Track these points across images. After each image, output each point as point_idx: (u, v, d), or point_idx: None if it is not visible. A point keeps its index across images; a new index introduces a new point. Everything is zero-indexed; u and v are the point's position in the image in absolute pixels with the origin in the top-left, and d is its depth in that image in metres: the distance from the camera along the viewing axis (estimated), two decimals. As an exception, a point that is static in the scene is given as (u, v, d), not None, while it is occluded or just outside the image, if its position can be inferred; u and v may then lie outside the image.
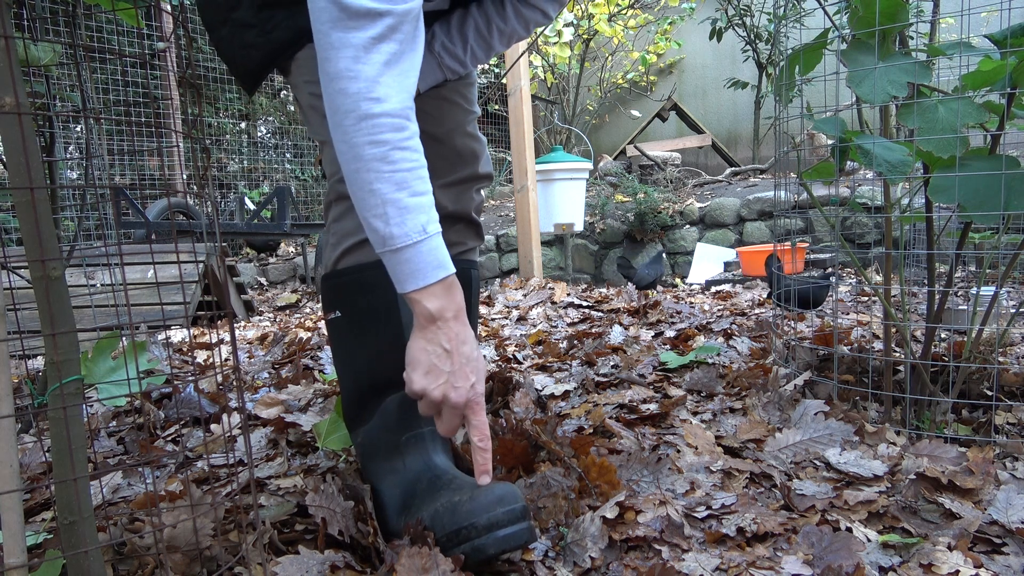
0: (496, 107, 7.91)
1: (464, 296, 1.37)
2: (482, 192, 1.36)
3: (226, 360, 2.40)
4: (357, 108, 0.83)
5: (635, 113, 8.32)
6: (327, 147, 1.05)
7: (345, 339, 1.10)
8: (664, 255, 4.69)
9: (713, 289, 4.18)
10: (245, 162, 6.87)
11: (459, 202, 1.31)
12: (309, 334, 2.65)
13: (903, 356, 1.51)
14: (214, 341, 2.60)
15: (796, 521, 1.06)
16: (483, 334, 2.53)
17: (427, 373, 0.89)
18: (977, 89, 1.30)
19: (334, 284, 1.10)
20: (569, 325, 2.72)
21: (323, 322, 1.05)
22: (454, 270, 0.89)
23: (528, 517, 0.91)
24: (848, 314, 2.66)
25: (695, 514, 1.07)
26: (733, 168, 7.01)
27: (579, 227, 4.69)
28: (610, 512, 1.04)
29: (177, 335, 2.91)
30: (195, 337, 2.93)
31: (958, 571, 0.92)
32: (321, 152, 1.14)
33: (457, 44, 1.18)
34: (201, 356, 2.54)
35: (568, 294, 3.54)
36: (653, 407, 1.52)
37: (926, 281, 1.54)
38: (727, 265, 5.12)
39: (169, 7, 4.30)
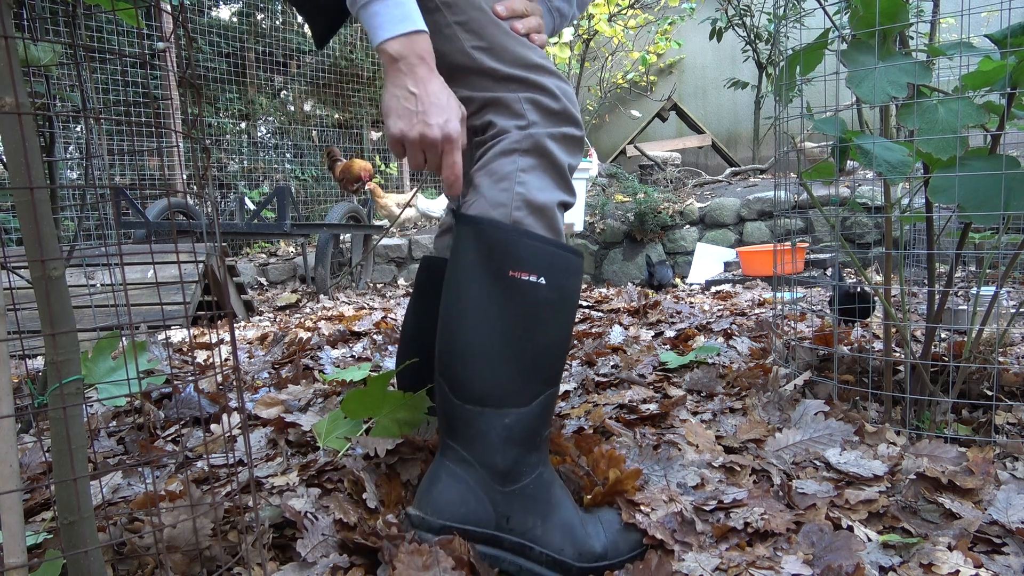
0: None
1: None
2: None
3: (226, 360, 2.40)
4: None
5: (635, 113, 8.32)
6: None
7: (541, 312, 0.98)
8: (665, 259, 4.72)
9: (713, 289, 4.19)
10: (245, 162, 6.86)
11: None
12: (309, 334, 2.64)
13: (903, 356, 1.50)
14: (214, 341, 2.60)
15: (797, 519, 1.05)
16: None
17: (400, 116, 0.93)
18: (977, 89, 1.30)
19: (540, 250, 0.97)
20: (569, 325, 2.71)
21: (497, 275, 0.96)
22: (420, 27, 0.93)
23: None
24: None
25: (704, 507, 1.07)
26: (733, 168, 7.01)
27: (579, 227, 4.68)
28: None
29: (177, 335, 2.91)
30: (195, 337, 2.93)
31: (958, 571, 0.91)
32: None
33: None
34: (201, 356, 2.54)
35: (568, 294, 3.52)
36: (653, 407, 1.52)
37: (926, 281, 1.54)
38: (727, 265, 5.12)
39: (169, 7, 4.29)
